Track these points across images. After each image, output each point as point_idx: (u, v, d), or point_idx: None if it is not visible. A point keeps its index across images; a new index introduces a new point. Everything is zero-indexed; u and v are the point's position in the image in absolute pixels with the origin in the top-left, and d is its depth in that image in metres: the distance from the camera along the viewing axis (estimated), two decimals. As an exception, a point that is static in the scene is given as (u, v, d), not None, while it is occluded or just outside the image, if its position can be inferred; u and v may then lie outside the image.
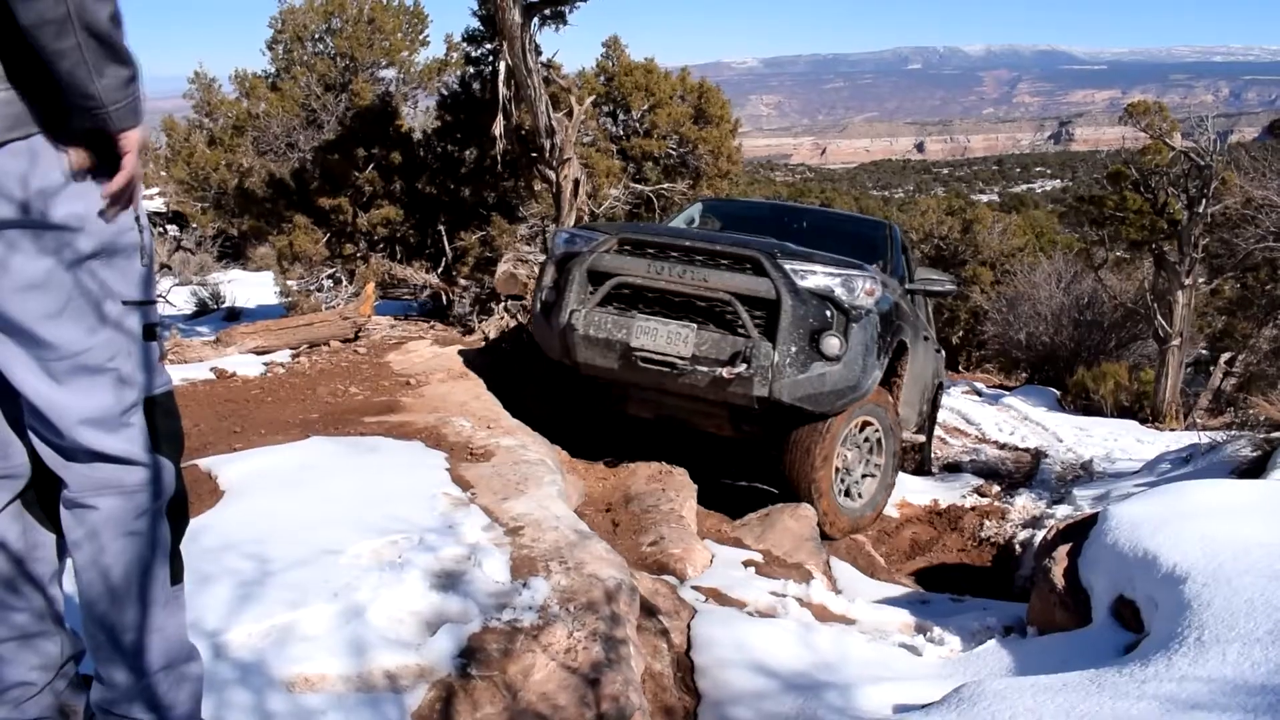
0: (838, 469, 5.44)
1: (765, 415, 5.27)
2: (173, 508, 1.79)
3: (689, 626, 3.44)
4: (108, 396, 1.67)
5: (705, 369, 4.91)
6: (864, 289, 5.08)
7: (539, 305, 5.62)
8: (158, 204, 24.01)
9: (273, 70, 13.88)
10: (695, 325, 4.99)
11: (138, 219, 1.71)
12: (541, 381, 6.08)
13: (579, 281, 5.32)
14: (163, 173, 21.54)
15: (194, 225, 21.09)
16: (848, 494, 5.61)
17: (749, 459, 6.68)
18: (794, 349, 4.86)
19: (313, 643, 2.43)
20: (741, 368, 4.82)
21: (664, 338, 5.00)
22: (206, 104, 15.31)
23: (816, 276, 4.99)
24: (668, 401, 5.50)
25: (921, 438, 8.20)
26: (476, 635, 2.60)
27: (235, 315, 12.34)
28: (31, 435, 1.71)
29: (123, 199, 1.65)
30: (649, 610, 3.36)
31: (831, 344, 4.90)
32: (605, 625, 2.80)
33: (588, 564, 3.17)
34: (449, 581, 2.90)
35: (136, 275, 1.69)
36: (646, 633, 3.20)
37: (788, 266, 4.95)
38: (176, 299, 14.32)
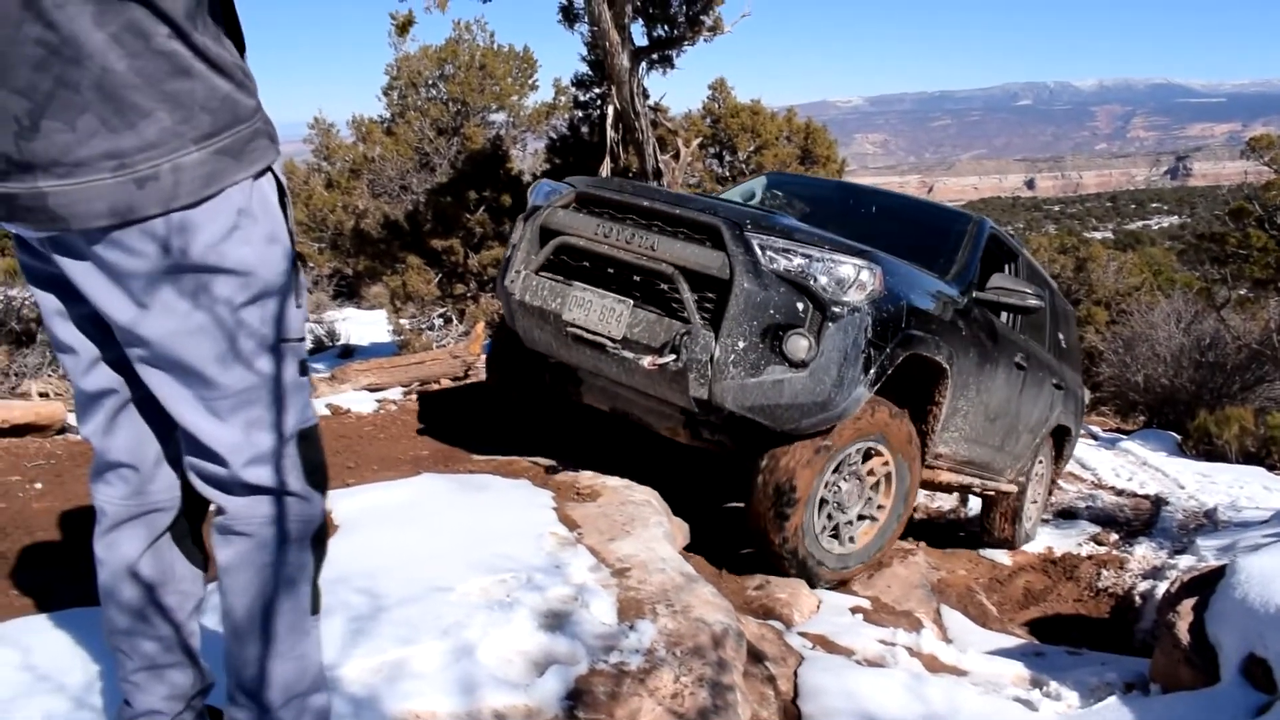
0: (824, 501, 4.40)
1: (732, 425, 4.28)
2: (317, 538, 1.83)
3: (796, 674, 3.39)
4: (268, 432, 1.70)
5: (631, 355, 4.08)
6: (855, 280, 4.03)
7: (502, 266, 4.92)
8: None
9: (388, 115, 14.35)
10: (632, 301, 4.17)
11: (292, 257, 1.74)
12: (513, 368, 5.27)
13: (528, 240, 4.66)
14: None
15: (311, 265, 21.80)
16: (835, 535, 4.55)
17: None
18: (742, 344, 3.91)
19: (424, 680, 2.46)
20: (669, 359, 3.95)
21: (597, 312, 4.22)
22: (325, 148, 15.89)
23: (792, 258, 4.01)
24: (620, 393, 4.56)
25: (1012, 488, 6.90)
26: (584, 677, 2.61)
27: (349, 353, 12.67)
28: (189, 469, 1.75)
29: None
30: (755, 656, 3.33)
31: (797, 345, 3.91)
32: (712, 671, 2.78)
33: (694, 607, 3.16)
34: (556, 622, 2.91)
35: (294, 314, 1.73)
36: (753, 679, 3.16)
37: (756, 241, 4.00)
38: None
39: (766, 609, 4.17)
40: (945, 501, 8.78)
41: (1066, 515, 8.96)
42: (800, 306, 3.94)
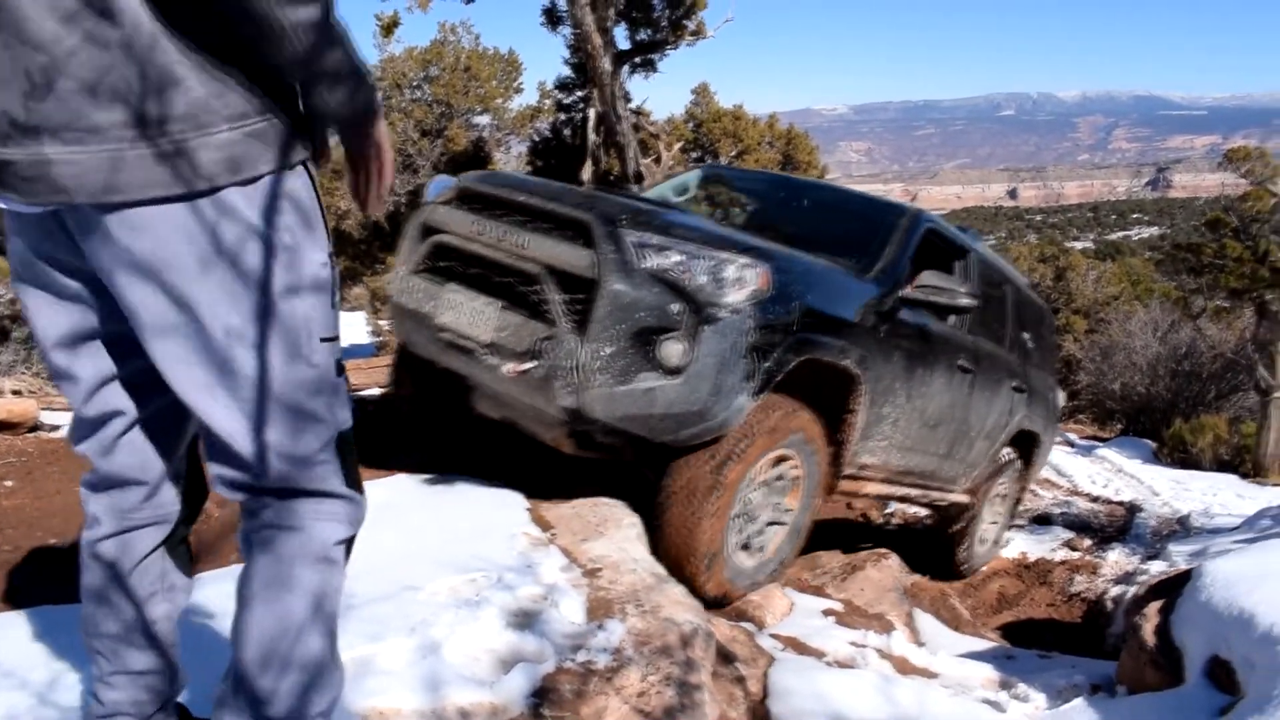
0: (736, 515, 4.08)
1: (619, 433, 3.83)
2: (349, 545, 1.75)
3: (766, 675, 3.41)
4: (310, 434, 1.60)
5: (495, 361, 3.75)
6: (736, 279, 3.67)
7: None
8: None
9: (371, 116, 14.31)
10: (501, 303, 3.82)
11: (330, 255, 1.64)
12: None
13: (410, 238, 4.39)
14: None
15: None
16: (745, 548, 4.24)
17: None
18: (609, 349, 3.52)
19: (389, 676, 2.46)
20: (531, 365, 3.63)
21: (467, 315, 3.91)
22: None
23: (668, 255, 3.66)
24: (505, 401, 4.14)
25: (964, 499, 6.44)
26: (550, 675, 2.62)
27: (336, 354, 12.62)
28: (218, 477, 1.64)
29: (377, 193, 1.70)
30: (725, 657, 3.34)
31: (670, 350, 3.55)
32: (679, 670, 2.79)
33: (664, 608, 3.17)
34: (525, 621, 2.92)
35: (331, 311, 1.63)
36: (722, 679, 3.17)
37: (629, 239, 3.67)
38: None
39: (739, 611, 4.18)
40: (923, 509, 8.81)
41: (1041, 521, 9.02)
42: (674, 308, 3.57)
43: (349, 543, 1.74)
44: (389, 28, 12.43)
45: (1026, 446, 7.05)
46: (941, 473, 5.80)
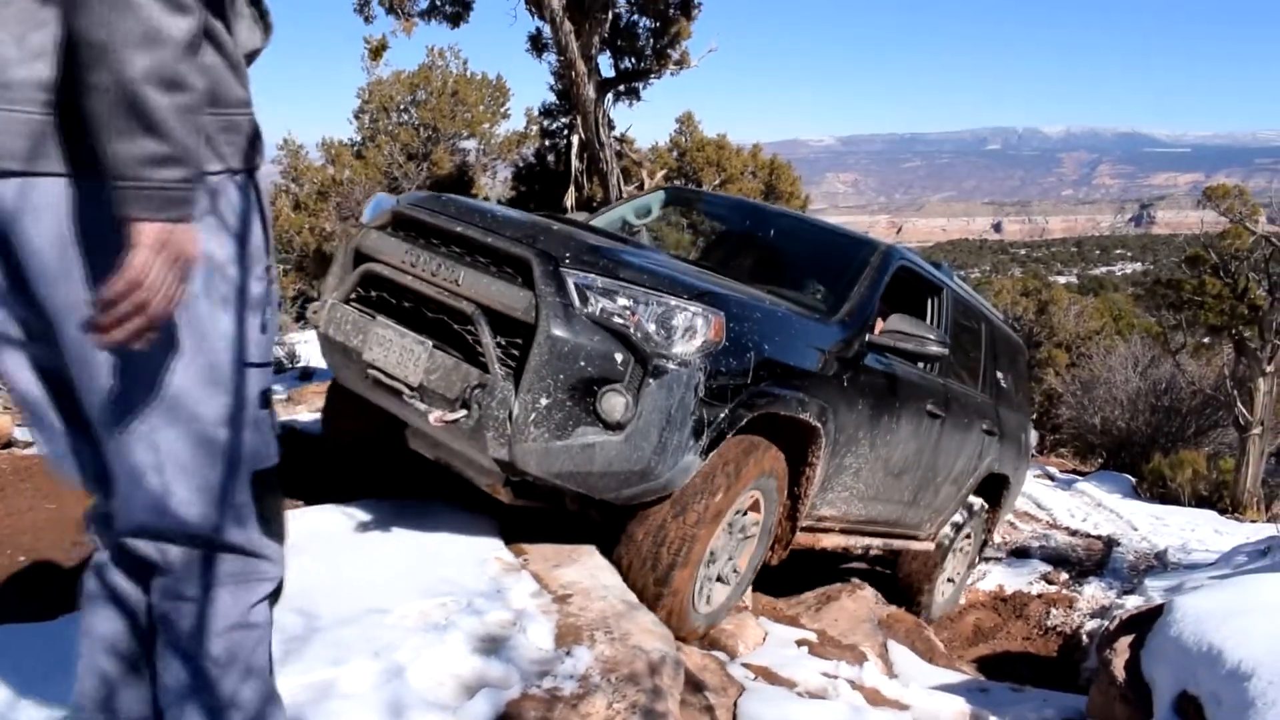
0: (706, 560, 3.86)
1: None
2: (274, 598, 1.60)
3: (736, 704, 3.39)
4: (216, 470, 1.43)
5: (423, 406, 3.42)
6: (687, 328, 3.39)
7: None
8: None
9: (358, 139, 14.37)
10: (432, 343, 3.49)
11: (268, 271, 1.48)
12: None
13: (341, 264, 4.03)
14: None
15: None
16: (707, 589, 4.03)
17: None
18: (545, 401, 3.22)
19: (351, 700, 2.44)
20: (460, 415, 3.29)
21: (396, 353, 3.56)
22: (294, 169, 15.86)
23: (615, 299, 3.36)
24: (439, 442, 3.82)
25: (927, 546, 6.21)
26: (515, 701, 2.60)
27: (308, 375, 12.58)
28: (120, 521, 1.47)
29: (123, 315, 1.27)
30: (695, 686, 3.32)
31: (612, 403, 3.26)
32: (646, 698, 2.77)
33: (633, 635, 3.16)
34: (492, 646, 2.90)
35: (257, 336, 1.46)
36: (691, 708, 3.15)
37: (571, 280, 3.35)
38: (254, 358, 14.64)
39: (712, 640, 4.16)
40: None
41: (1019, 554, 9.04)
42: (618, 358, 3.29)
43: (273, 594, 1.59)
44: (377, 51, 12.50)
45: (995, 489, 6.86)
46: (905, 520, 5.59)
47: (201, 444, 1.40)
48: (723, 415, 3.49)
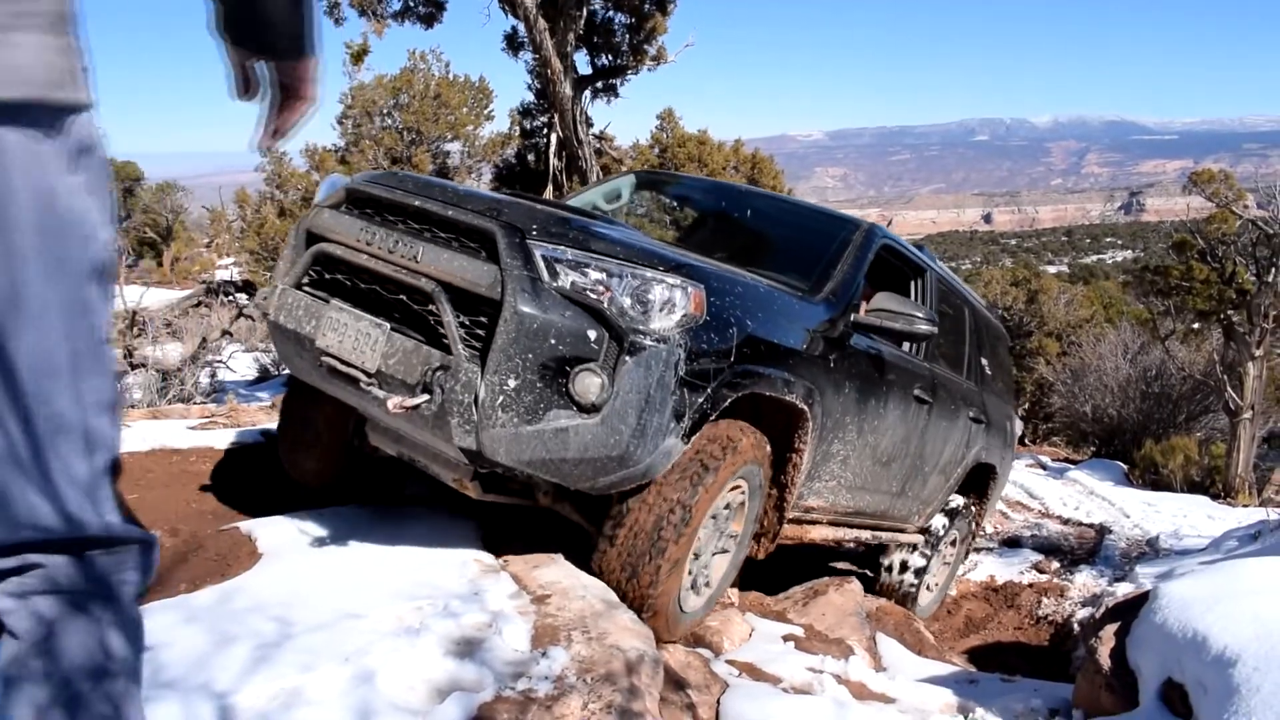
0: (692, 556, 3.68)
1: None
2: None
3: (718, 702, 3.36)
4: (83, 459, 1.28)
5: (382, 393, 3.16)
6: (665, 302, 3.17)
7: None
8: (230, 274, 24.68)
9: (341, 144, 14.32)
10: (389, 325, 3.23)
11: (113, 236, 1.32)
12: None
13: (292, 247, 3.78)
14: (236, 243, 22.21)
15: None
16: (693, 586, 3.82)
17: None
18: (513, 382, 2.99)
19: (319, 706, 2.41)
20: (421, 399, 3.05)
21: (352, 338, 3.29)
22: (278, 176, 15.81)
23: (586, 273, 3.13)
24: (401, 435, 3.63)
25: (916, 538, 6.14)
26: (487, 704, 2.56)
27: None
28: None
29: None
30: (677, 684, 3.29)
31: (586, 384, 3.04)
32: (622, 698, 2.74)
33: (611, 634, 3.12)
34: (467, 649, 2.86)
35: (108, 303, 1.31)
36: (672, 706, 3.12)
37: (539, 252, 3.11)
38: (239, 365, 14.58)
39: (696, 636, 4.13)
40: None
41: (1011, 544, 9.02)
42: (592, 335, 3.06)
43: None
44: (358, 55, 12.42)
45: (982, 479, 6.72)
46: (894, 512, 5.48)
47: (71, 432, 1.28)
48: (705, 396, 3.27)
